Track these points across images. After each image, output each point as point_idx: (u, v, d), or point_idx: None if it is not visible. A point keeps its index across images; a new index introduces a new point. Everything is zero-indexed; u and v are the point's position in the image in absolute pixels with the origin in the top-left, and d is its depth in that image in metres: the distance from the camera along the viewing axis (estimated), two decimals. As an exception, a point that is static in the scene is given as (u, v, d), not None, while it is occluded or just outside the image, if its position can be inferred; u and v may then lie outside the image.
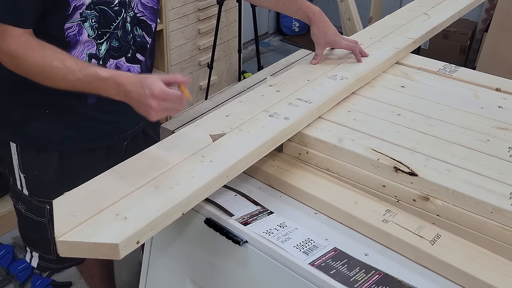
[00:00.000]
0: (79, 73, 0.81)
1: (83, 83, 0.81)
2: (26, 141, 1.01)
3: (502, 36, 2.16)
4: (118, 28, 0.96)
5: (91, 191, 0.70)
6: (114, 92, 0.79)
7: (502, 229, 0.72)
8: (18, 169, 1.04)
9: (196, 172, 0.74)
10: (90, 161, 1.04)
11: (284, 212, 0.81)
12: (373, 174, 0.83)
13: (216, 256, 0.80)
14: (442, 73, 1.16)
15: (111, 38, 0.96)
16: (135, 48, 1.01)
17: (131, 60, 1.01)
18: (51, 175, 1.03)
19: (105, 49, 0.96)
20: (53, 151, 1.01)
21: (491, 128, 0.94)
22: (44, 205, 1.06)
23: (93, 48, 0.94)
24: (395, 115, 0.97)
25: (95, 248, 0.62)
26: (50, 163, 1.02)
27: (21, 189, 1.07)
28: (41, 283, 1.64)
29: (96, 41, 0.94)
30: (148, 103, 0.74)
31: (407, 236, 0.73)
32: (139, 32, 1.02)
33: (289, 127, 0.87)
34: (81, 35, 0.91)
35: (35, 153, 1.01)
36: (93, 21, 0.91)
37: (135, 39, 1.01)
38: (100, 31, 0.93)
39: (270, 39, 3.69)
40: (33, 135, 0.99)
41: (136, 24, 1.00)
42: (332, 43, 1.10)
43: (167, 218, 0.67)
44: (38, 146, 1.01)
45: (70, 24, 0.89)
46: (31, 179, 1.04)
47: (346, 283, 0.66)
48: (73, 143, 1.01)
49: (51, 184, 1.03)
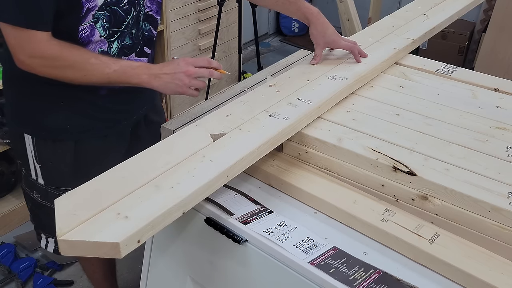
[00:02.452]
0: (114, 65, 0.90)
1: (118, 73, 0.90)
2: (42, 133, 1.05)
3: (500, 36, 2.16)
4: (128, 26, 0.99)
5: (92, 191, 0.71)
6: (145, 76, 0.90)
7: (500, 228, 0.73)
8: (33, 160, 1.07)
9: (197, 172, 0.74)
10: (102, 148, 1.08)
11: (284, 211, 0.81)
12: (372, 173, 0.84)
13: (216, 255, 0.80)
14: (440, 74, 1.16)
15: (123, 36, 0.99)
16: (143, 42, 1.06)
17: (140, 54, 1.06)
18: (67, 164, 1.07)
19: (117, 47, 0.99)
20: (68, 141, 1.05)
21: (489, 128, 0.94)
22: (60, 193, 1.08)
23: (104, 46, 0.97)
24: (394, 115, 0.98)
25: (96, 247, 0.62)
26: (65, 153, 1.06)
27: (36, 179, 1.09)
28: (43, 281, 1.64)
29: (107, 40, 0.97)
30: (184, 69, 0.89)
31: (406, 235, 0.73)
32: (147, 27, 1.06)
33: (289, 127, 0.87)
34: (94, 36, 0.94)
35: (51, 144, 1.05)
36: (104, 21, 0.94)
37: (143, 34, 1.05)
38: (111, 31, 0.96)
39: (270, 39, 3.69)
40: (49, 127, 1.03)
41: (144, 20, 1.04)
42: (331, 43, 1.11)
43: (168, 217, 0.68)
44: (54, 137, 1.04)
45: (83, 26, 0.92)
46: (47, 169, 1.07)
47: (346, 281, 0.67)
48: (87, 132, 1.06)
49: (66, 173, 1.07)
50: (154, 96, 1.20)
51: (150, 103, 1.17)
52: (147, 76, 0.90)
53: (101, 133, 1.07)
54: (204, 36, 2.48)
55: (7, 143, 1.77)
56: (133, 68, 0.91)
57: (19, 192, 1.95)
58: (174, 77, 0.89)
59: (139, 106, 1.13)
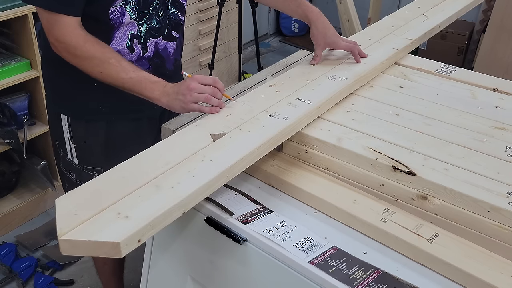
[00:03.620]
0: (133, 73, 0.92)
1: (133, 81, 0.92)
2: (76, 113, 1.09)
3: (499, 37, 2.17)
4: (156, 9, 1.02)
5: (93, 190, 0.71)
6: (158, 93, 0.91)
7: (499, 227, 0.73)
8: (69, 140, 1.11)
9: (197, 172, 0.74)
10: (133, 131, 1.12)
11: (284, 211, 0.81)
12: (372, 173, 0.84)
13: (217, 254, 0.81)
14: (440, 74, 1.17)
15: (151, 18, 1.02)
16: (171, 26, 1.08)
17: (167, 37, 1.09)
18: (99, 144, 1.11)
19: (145, 29, 1.02)
20: (100, 121, 1.09)
21: (488, 128, 0.94)
22: (92, 173, 1.13)
23: (134, 29, 1.01)
24: (394, 115, 0.98)
25: (97, 247, 0.63)
26: (98, 133, 1.10)
27: (71, 159, 1.14)
28: (44, 281, 1.65)
29: (137, 22, 1.00)
30: (188, 84, 0.88)
31: (405, 235, 0.73)
32: (174, 11, 1.08)
33: (289, 127, 0.88)
34: (124, 18, 0.98)
35: (85, 124, 1.10)
36: (134, 4, 0.98)
37: (170, 18, 1.08)
38: (140, 13, 1.00)
39: (270, 40, 3.69)
40: (82, 107, 1.08)
41: (171, 4, 1.07)
42: (331, 44, 1.11)
43: (168, 217, 0.68)
44: (87, 117, 1.09)
45: (114, 8, 0.96)
46: (81, 148, 1.12)
47: (345, 281, 0.67)
48: (119, 114, 1.10)
49: (98, 153, 1.12)
50: None
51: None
52: (159, 93, 0.90)
53: (132, 116, 1.11)
54: (205, 37, 2.48)
55: (9, 143, 1.78)
56: (150, 81, 0.92)
57: (20, 192, 1.96)
58: (178, 93, 0.89)
59: None
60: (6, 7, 1.65)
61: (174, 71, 1.15)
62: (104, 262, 1.43)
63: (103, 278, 1.50)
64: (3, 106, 1.80)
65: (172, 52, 1.11)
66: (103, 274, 1.48)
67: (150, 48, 1.05)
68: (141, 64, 1.05)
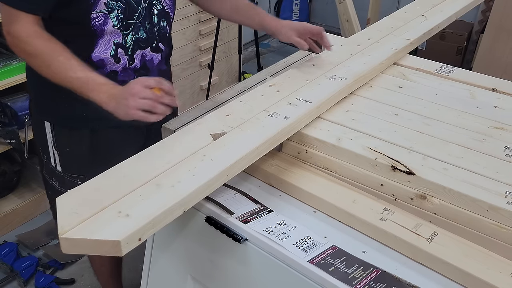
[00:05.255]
0: (80, 72, 0.87)
1: (80, 82, 0.87)
2: (59, 120, 1.07)
3: (498, 37, 2.17)
4: (140, 18, 1.00)
5: (93, 189, 0.71)
6: (105, 96, 0.85)
7: (498, 227, 0.73)
8: (52, 147, 1.10)
9: (197, 171, 0.75)
10: (118, 139, 1.10)
11: (284, 211, 0.81)
12: (371, 173, 0.84)
13: (217, 253, 0.81)
14: (439, 74, 1.17)
15: (137, 29, 1.01)
16: (159, 38, 1.07)
17: (155, 49, 1.07)
18: (83, 152, 1.09)
19: (131, 39, 1.00)
20: (84, 129, 1.07)
21: (487, 127, 0.95)
22: (76, 181, 1.11)
23: (119, 38, 0.99)
24: (393, 115, 0.98)
25: (97, 245, 0.63)
26: (82, 141, 1.08)
27: (55, 166, 1.12)
28: (45, 280, 1.65)
29: (122, 31, 0.98)
30: (131, 88, 0.82)
31: (404, 234, 0.74)
32: (164, 24, 1.07)
33: (289, 127, 0.88)
34: (106, 25, 0.96)
35: (68, 132, 1.08)
36: (119, 12, 0.96)
37: (160, 30, 1.07)
38: (125, 22, 0.98)
39: (269, 40, 3.69)
40: (66, 115, 1.05)
41: (162, 16, 1.06)
42: (300, 28, 1.09)
43: (169, 215, 0.68)
44: (70, 124, 1.06)
45: (96, 14, 0.94)
46: (64, 156, 1.10)
47: (345, 280, 0.67)
48: (103, 121, 1.05)
49: (82, 161, 1.10)
50: None
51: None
52: (107, 97, 0.85)
53: (116, 123, 1.06)
54: (205, 37, 2.48)
55: (10, 142, 1.78)
56: (97, 83, 0.86)
57: (21, 191, 1.96)
58: (122, 97, 0.82)
59: None
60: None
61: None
62: (101, 264, 1.43)
63: (101, 280, 1.50)
64: (4, 106, 1.80)
65: (157, 64, 1.09)
66: (101, 276, 1.48)
67: (137, 59, 1.03)
68: (126, 74, 1.03)
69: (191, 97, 2.57)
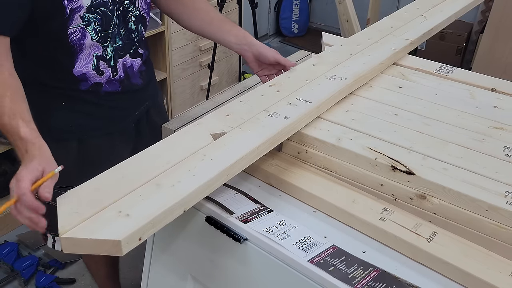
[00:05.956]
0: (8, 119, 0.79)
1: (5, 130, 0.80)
2: (45, 133, 1.04)
3: (497, 37, 2.17)
4: (116, 26, 0.98)
5: (94, 189, 0.72)
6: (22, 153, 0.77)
7: (498, 227, 0.74)
8: None
9: (197, 171, 0.75)
10: (106, 147, 1.08)
11: (284, 210, 0.82)
12: (371, 173, 0.84)
13: (217, 253, 0.81)
14: (438, 74, 1.17)
15: (113, 38, 0.99)
16: (138, 44, 1.06)
17: (134, 55, 1.05)
18: (71, 163, 1.05)
19: (111, 50, 0.98)
20: (71, 140, 1.05)
21: (486, 127, 0.95)
22: (64, 192, 1.09)
23: (99, 51, 0.97)
24: (393, 115, 0.98)
25: (98, 245, 0.63)
26: (69, 152, 1.05)
27: None
28: (45, 280, 1.65)
29: (101, 44, 0.96)
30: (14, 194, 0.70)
31: (404, 234, 0.74)
32: (141, 29, 1.06)
33: (288, 127, 0.88)
34: (85, 39, 0.93)
35: (55, 144, 1.03)
36: (96, 24, 0.93)
37: (138, 36, 1.05)
38: (103, 34, 0.95)
39: (269, 40, 3.70)
40: (51, 127, 1.03)
41: (140, 22, 1.04)
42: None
43: (169, 215, 0.68)
44: (57, 137, 1.03)
45: (73, 29, 0.91)
46: None
47: (345, 280, 0.67)
48: (90, 131, 1.05)
49: (71, 172, 1.06)
50: (155, 93, 1.20)
51: (151, 99, 1.16)
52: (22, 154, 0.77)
53: (103, 132, 1.07)
54: (204, 37, 2.48)
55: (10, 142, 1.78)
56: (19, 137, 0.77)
57: (21, 191, 1.96)
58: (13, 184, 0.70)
59: (141, 102, 1.12)
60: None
61: (145, 83, 1.10)
62: (97, 269, 1.43)
63: (98, 282, 1.50)
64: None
65: (137, 68, 1.08)
66: (99, 278, 1.49)
67: (120, 69, 1.02)
68: (111, 85, 1.02)
69: (191, 97, 2.57)
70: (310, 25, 3.79)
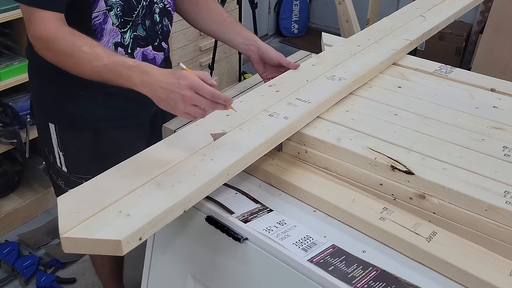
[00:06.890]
0: (106, 59, 0.80)
1: (108, 69, 0.81)
2: (63, 122, 1.07)
3: (496, 37, 2.17)
4: (139, 16, 1.00)
5: (94, 189, 0.72)
6: (138, 81, 0.78)
7: (497, 226, 0.74)
8: (57, 148, 1.10)
9: (197, 170, 0.75)
10: (122, 139, 1.10)
11: (284, 210, 0.82)
12: (371, 172, 0.84)
13: (217, 253, 0.81)
14: (438, 74, 1.17)
15: (135, 26, 1.00)
16: (162, 37, 1.07)
17: (157, 48, 1.07)
18: (87, 152, 1.09)
19: (130, 37, 1.00)
20: (88, 130, 1.07)
21: (486, 127, 0.95)
22: (81, 181, 1.11)
23: (117, 37, 0.98)
24: (392, 115, 0.99)
25: (98, 244, 0.63)
26: (85, 141, 1.08)
27: (60, 167, 1.13)
28: (46, 279, 1.66)
29: (120, 29, 0.98)
30: (182, 92, 0.74)
31: (403, 234, 0.74)
32: (166, 22, 1.07)
33: (288, 127, 0.88)
34: (106, 23, 0.95)
35: (72, 132, 1.08)
36: (118, 10, 0.95)
37: (163, 29, 1.06)
38: (123, 19, 0.97)
39: (269, 40, 3.70)
40: (69, 116, 1.05)
41: (164, 15, 1.06)
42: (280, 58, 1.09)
43: (169, 215, 0.69)
44: (74, 125, 1.06)
45: (97, 13, 0.94)
46: (69, 156, 1.10)
47: (344, 279, 0.67)
48: (107, 122, 1.07)
49: (87, 161, 1.10)
50: None
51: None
52: (140, 82, 0.78)
53: (120, 124, 1.08)
54: (205, 37, 2.49)
55: (11, 142, 1.78)
56: (126, 67, 0.79)
57: (23, 191, 1.97)
58: (169, 95, 0.75)
59: None
60: (8, 8, 1.66)
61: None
62: (102, 264, 1.44)
63: (102, 279, 1.51)
64: (5, 106, 1.81)
65: (160, 63, 1.09)
66: (102, 275, 1.49)
67: (138, 58, 1.02)
68: None
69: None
70: (310, 26, 3.79)
